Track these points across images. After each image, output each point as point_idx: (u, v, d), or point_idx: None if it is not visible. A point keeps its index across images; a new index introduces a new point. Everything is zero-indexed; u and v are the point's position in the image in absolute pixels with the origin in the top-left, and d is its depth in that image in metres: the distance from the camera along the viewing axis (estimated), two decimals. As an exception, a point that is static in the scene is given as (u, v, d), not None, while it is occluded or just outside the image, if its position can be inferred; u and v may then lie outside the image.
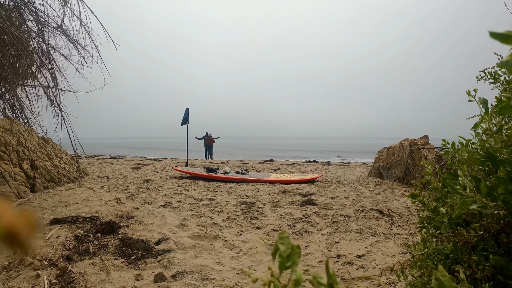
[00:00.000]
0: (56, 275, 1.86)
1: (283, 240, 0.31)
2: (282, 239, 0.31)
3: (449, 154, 0.90)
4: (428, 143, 5.30)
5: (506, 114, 0.79)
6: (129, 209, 3.39)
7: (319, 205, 3.76)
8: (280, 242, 0.31)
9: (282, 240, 0.31)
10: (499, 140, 0.72)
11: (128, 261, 2.11)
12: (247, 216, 3.32)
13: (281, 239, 0.31)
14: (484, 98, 0.85)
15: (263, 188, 5.01)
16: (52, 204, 3.56)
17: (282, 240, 0.31)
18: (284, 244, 0.31)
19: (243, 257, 2.26)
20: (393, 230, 2.71)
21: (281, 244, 0.31)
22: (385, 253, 2.17)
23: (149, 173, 6.74)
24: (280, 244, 0.31)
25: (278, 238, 0.32)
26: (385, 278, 1.79)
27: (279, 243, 0.31)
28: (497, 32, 0.18)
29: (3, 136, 4.15)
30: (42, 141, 5.23)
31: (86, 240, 2.43)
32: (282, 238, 0.31)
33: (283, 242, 0.31)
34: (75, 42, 5.38)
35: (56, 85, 5.49)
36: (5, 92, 5.29)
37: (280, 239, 0.31)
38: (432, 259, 0.80)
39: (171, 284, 1.82)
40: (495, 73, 0.92)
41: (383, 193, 4.48)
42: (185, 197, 4.19)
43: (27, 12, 5.11)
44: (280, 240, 0.31)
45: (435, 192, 0.89)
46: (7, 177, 3.84)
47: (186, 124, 7.54)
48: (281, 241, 0.31)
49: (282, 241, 0.31)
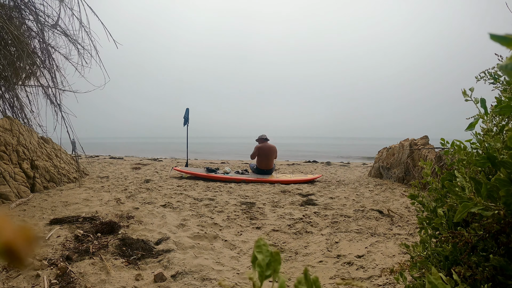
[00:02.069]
0: (56, 275, 1.86)
1: (261, 248, 0.29)
2: (259, 247, 0.29)
3: (449, 154, 0.90)
4: (428, 143, 5.30)
5: (506, 115, 0.79)
6: (129, 209, 3.39)
7: (319, 205, 3.76)
8: (258, 251, 0.28)
9: (259, 249, 0.29)
10: (499, 140, 0.72)
11: (128, 261, 2.11)
12: (247, 216, 3.32)
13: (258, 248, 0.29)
14: (481, 98, 0.85)
15: (263, 188, 5.01)
16: (52, 204, 3.56)
17: (259, 249, 0.29)
18: (261, 252, 0.28)
19: (243, 257, 2.26)
20: (393, 230, 2.72)
21: (259, 252, 0.28)
22: (385, 253, 2.17)
23: (149, 173, 6.74)
24: (257, 253, 0.28)
25: (255, 246, 0.29)
26: (385, 279, 1.79)
27: (257, 251, 0.28)
28: (497, 34, 0.18)
29: (3, 136, 4.15)
30: (42, 141, 5.23)
31: (86, 240, 2.43)
32: (259, 246, 0.29)
33: (261, 250, 0.29)
34: (75, 42, 5.38)
35: (56, 85, 5.49)
36: (5, 92, 5.29)
37: (257, 248, 0.29)
38: (431, 261, 0.80)
39: (171, 284, 1.82)
40: (495, 74, 0.92)
41: (383, 193, 4.48)
42: (185, 197, 4.19)
43: (27, 12, 5.11)
44: (257, 249, 0.29)
45: (434, 193, 0.89)
46: (7, 177, 3.84)
47: (187, 124, 7.53)
48: (258, 249, 0.29)
49: (259, 250, 0.29)
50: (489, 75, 0.94)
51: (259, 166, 6.22)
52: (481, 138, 0.84)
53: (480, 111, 0.85)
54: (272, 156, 6.19)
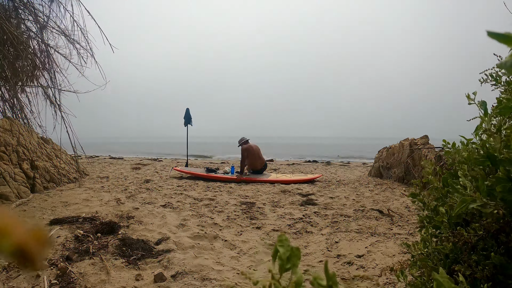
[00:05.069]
0: (56, 275, 1.86)
1: (283, 242, 0.32)
2: (281, 241, 0.32)
3: (449, 154, 0.90)
4: (428, 143, 5.30)
5: (506, 115, 0.79)
6: (129, 209, 3.40)
7: (319, 205, 3.76)
8: (280, 245, 0.31)
9: (282, 243, 0.32)
10: (498, 140, 0.72)
11: (128, 261, 2.11)
12: (247, 216, 3.32)
13: (280, 242, 0.32)
14: (482, 100, 0.86)
15: (263, 188, 5.01)
16: (52, 204, 3.56)
17: (282, 243, 0.32)
18: (283, 246, 0.31)
19: (243, 257, 2.26)
20: (393, 230, 2.72)
21: (281, 246, 0.31)
22: (385, 253, 2.17)
23: (149, 173, 6.74)
24: (279, 247, 0.31)
25: (278, 240, 0.32)
26: (385, 278, 1.79)
27: (279, 245, 0.31)
28: (495, 32, 0.18)
29: (3, 136, 4.15)
30: (42, 141, 5.23)
31: (86, 240, 2.43)
32: (281, 241, 0.32)
33: (283, 245, 0.31)
34: (74, 42, 5.39)
35: (55, 85, 5.49)
36: (5, 92, 5.29)
37: (279, 242, 0.32)
38: (431, 259, 0.80)
39: (171, 284, 1.82)
40: (496, 75, 0.92)
41: (383, 193, 4.48)
42: (185, 197, 4.19)
43: (27, 12, 5.11)
44: (279, 243, 0.32)
45: (435, 192, 0.89)
46: (7, 177, 3.84)
47: (188, 124, 7.51)
48: (280, 243, 0.31)
49: (281, 244, 0.31)
50: (490, 77, 0.94)
51: (254, 168, 6.19)
52: (482, 138, 0.84)
53: (481, 112, 0.85)
54: (261, 153, 6.37)
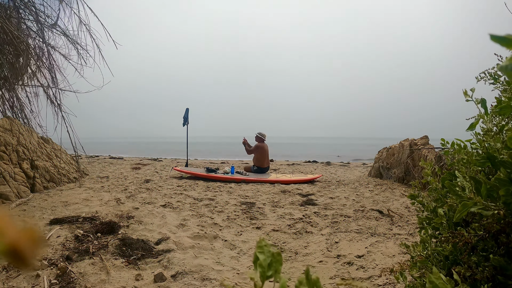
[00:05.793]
0: (56, 275, 1.86)
1: (262, 248, 0.29)
2: (261, 247, 0.29)
3: (449, 154, 0.90)
4: (428, 143, 5.30)
5: (506, 115, 0.79)
6: (129, 209, 3.40)
7: (319, 205, 3.76)
8: (259, 251, 0.29)
9: (261, 249, 0.29)
10: (499, 140, 0.72)
11: (128, 261, 2.11)
12: (247, 216, 3.32)
13: (260, 248, 0.29)
14: (482, 98, 0.85)
15: (263, 188, 5.01)
16: (52, 204, 3.56)
17: (261, 249, 0.29)
18: (263, 252, 0.29)
19: (243, 257, 2.26)
20: (393, 230, 2.72)
21: (260, 253, 0.29)
22: (385, 253, 2.17)
23: (149, 173, 6.74)
24: (259, 253, 0.29)
25: (257, 246, 0.29)
26: (385, 279, 1.79)
27: (258, 252, 0.29)
28: (497, 35, 0.18)
29: (3, 136, 4.15)
30: (42, 141, 5.23)
31: (86, 240, 2.43)
32: (261, 247, 0.29)
33: (263, 251, 0.29)
34: (74, 43, 5.38)
35: (56, 85, 5.49)
36: (5, 92, 5.29)
37: (259, 248, 0.29)
38: (431, 260, 0.80)
39: (171, 284, 1.82)
40: (495, 74, 0.92)
41: (383, 193, 4.48)
42: (185, 197, 4.19)
43: (27, 12, 5.11)
44: (259, 249, 0.29)
45: (434, 193, 0.89)
46: (7, 177, 3.84)
47: (187, 124, 7.52)
48: (260, 250, 0.29)
49: (261, 250, 0.29)
50: (489, 76, 0.94)
51: (260, 165, 6.51)
52: (481, 138, 0.84)
53: (481, 111, 0.85)
54: (268, 154, 6.73)
